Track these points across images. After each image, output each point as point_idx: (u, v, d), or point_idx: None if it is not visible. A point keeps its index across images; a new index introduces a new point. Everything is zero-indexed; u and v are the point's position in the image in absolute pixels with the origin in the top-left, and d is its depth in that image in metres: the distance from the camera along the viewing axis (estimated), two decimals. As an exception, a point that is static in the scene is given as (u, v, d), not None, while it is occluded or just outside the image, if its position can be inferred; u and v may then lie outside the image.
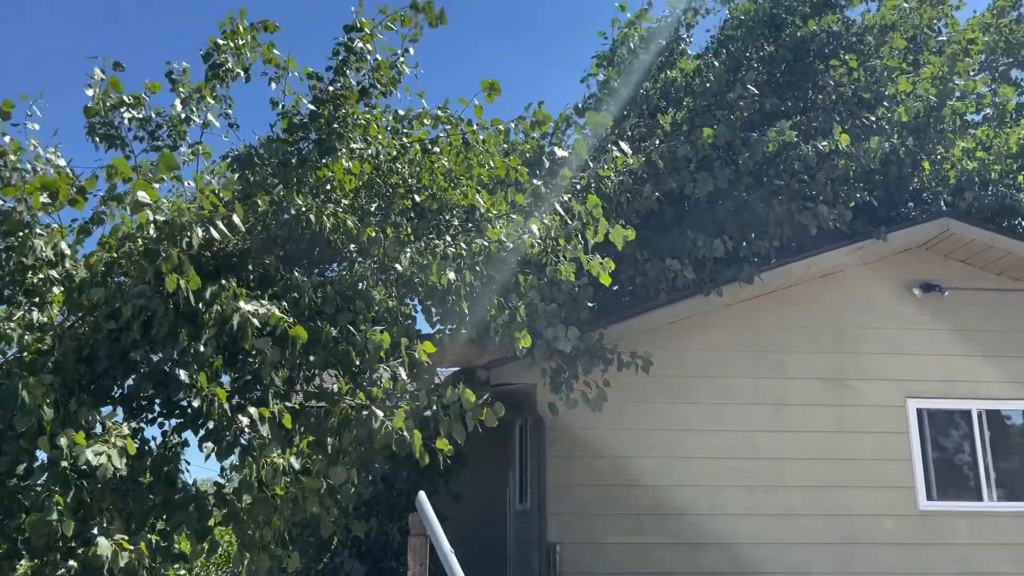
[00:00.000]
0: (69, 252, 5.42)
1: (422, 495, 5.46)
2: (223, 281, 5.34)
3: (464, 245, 6.66)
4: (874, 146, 9.40)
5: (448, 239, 6.82)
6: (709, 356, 9.06)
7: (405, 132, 7.58)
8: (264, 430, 5.13)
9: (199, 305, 5.10)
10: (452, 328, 7.29)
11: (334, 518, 5.43)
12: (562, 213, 7.12)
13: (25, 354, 5.29)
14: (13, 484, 5.02)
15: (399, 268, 6.32)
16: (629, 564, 8.34)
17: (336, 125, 6.47)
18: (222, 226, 5.30)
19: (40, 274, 5.30)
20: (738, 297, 9.06)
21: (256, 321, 5.16)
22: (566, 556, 8.22)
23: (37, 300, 5.48)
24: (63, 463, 4.52)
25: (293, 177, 6.39)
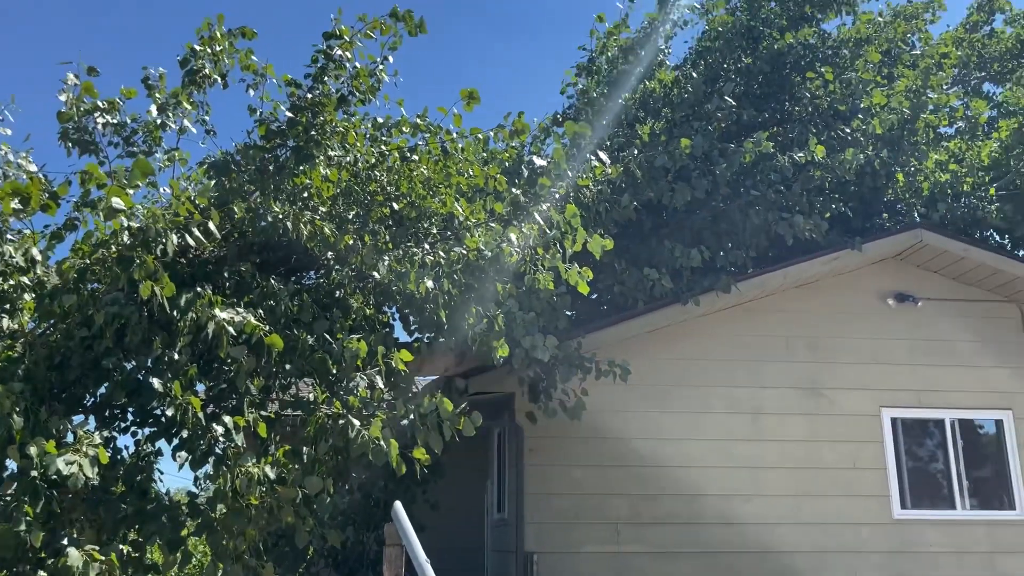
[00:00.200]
0: (41, 258, 5.35)
1: (398, 505, 5.43)
2: (198, 288, 5.29)
3: (442, 253, 6.65)
4: (849, 158, 9.50)
5: (426, 247, 6.81)
6: (686, 365, 9.10)
7: (384, 140, 7.56)
8: (239, 439, 5.08)
9: (174, 312, 5.05)
10: (430, 337, 7.27)
11: (310, 528, 5.38)
12: (540, 222, 7.13)
13: (-5, 362, 5.20)
14: (-19, 494, 4.92)
15: (377, 276, 6.29)
16: (606, 573, 8.34)
17: (314, 132, 6.44)
18: (198, 233, 5.26)
19: (11, 280, 5.22)
20: (715, 306, 9.11)
21: (231, 329, 5.12)
22: (543, 565, 8.20)
23: (7, 307, 5.40)
24: (33, 472, 4.45)
25: (270, 184, 6.35)
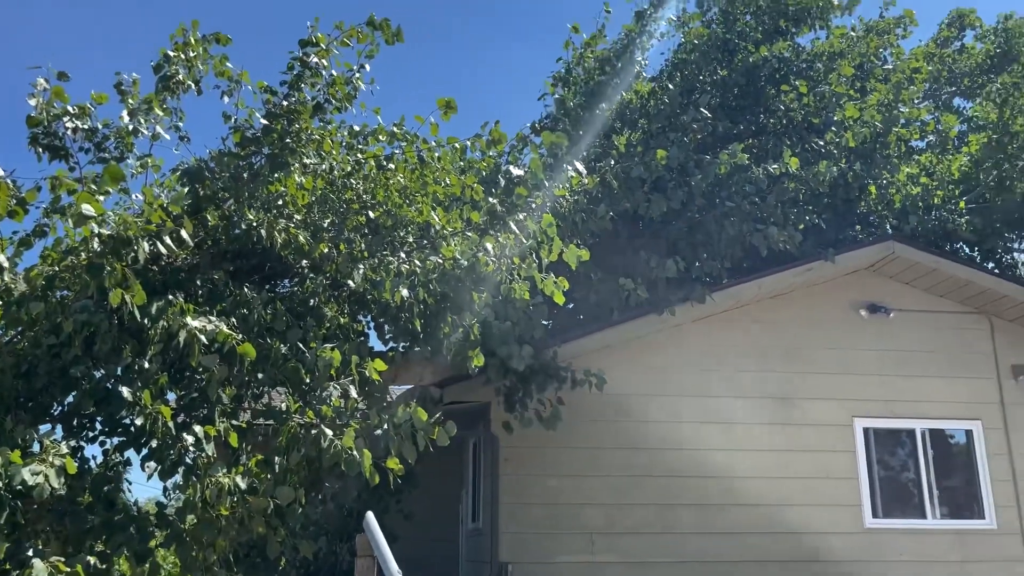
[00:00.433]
0: (8, 265, 5.25)
1: (370, 516, 5.38)
2: (170, 296, 5.22)
3: (418, 262, 6.62)
4: (823, 170, 9.62)
5: (402, 256, 6.77)
6: (661, 375, 9.13)
7: (360, 148, 7.53)
8: (209, 449, 5.01)
9: (144, 321, 4.97)
10: (405, 346, 7.23)
11: (281, 539, 5.32)
12: (517, 232, 7.12)
13: (-41, 370, 5.10)
14: (-57, 505, 4.82)
15: (352, 285, 6.25)
16: (581, 584, 8.33)
17: (289, 140, 6.40)
18: (169, 240, 5.20)
19: (-23, 287, 5.13)
20: (690, 316, 9.16)
21: (203, 337, 5.05)
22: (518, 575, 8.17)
23: (-27, 314, 5.30)
24: (-3, 483, 4.37)
25: (245, 191, 6.30)
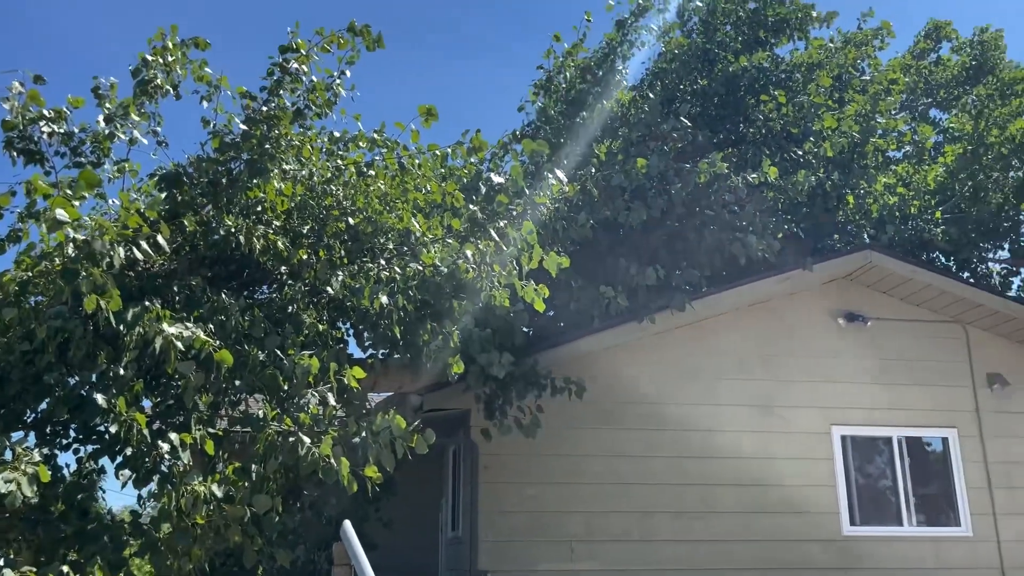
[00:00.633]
0: (-19, 270, 5.19)
1: (347, 524, 5.35)
2: (146, 303, 5.17)
3: (398, 269, 6.60)
4: (801, 179, 9.70)
5: (382, 263, 6.75)
6: (641, 382, 9.15)
7: (340, 154, 7.51)
8: (185, 457, 4.97)
9: (120, 327, 4.92)
10: (385, 353, 7.21)
11: (258, 547, 5.27)
12: (497, 239, 7.12)
13: (-70, 376, 5.03)
14: (-88, 514, 4.74)
15: (331, 291, 6.23)
16: (560, 592, 8.30)
17: (269, 145, 6.37)
18: (146, 246, 5.16)
19: (-51, 293, 5.06)
20: (670, 324, 9.18)
21: (180, 344, 5.01)
22: (497, 584, 8.14)
23: (-55, 319, 5.22)
24: (-33, 491, 4.30)
25: (223, 197, 6.26)
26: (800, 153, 11.15)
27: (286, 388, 5.56)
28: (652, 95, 11.96)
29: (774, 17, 12.91)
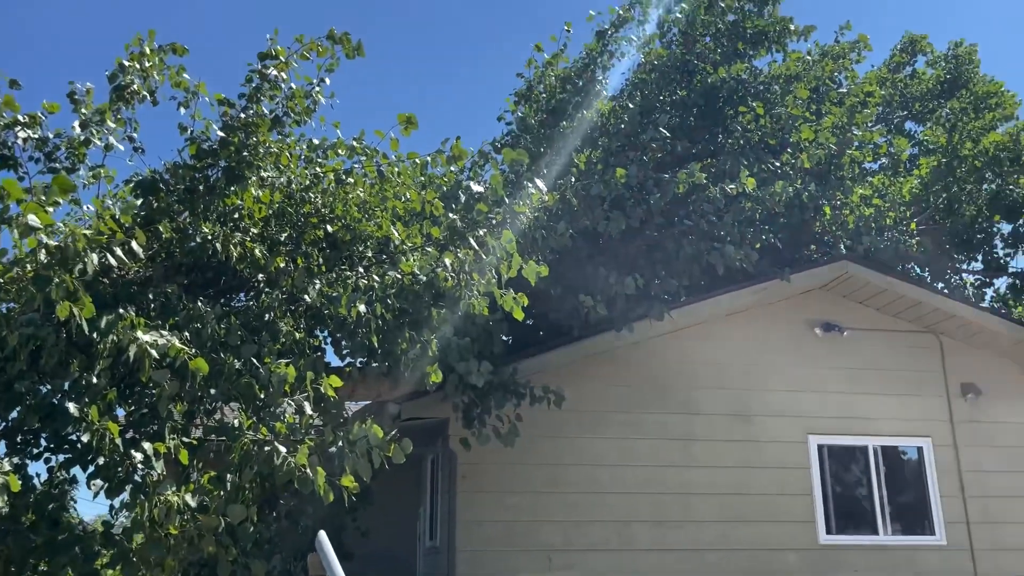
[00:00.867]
0: (-49, 277, 5.11)
1: (322, 534, 5.31)
2: (121, 310, 5.12)
3: (376, 277, 6.57)
4: (779, 190, 9.77)
5: (360, 271, 6.72)
6: (620, 391, 9.17)
7: (319, 162, 7.48)
8: (159, 466, 4.91)
9: (93, 334, 4.86)
10: (362, 362, 7.17)
11: (232, 558, 5.21)
12: (476, 248, 7.11)
13: (-102, 384, 4.94)
14: None
15: (308, 299, 6.19)
16: (538, 601, 8.28)
17: (247, 152, 6.33)
18: (120, 252, 5.10)
19: (-82, 299, 4.98)
20: (649, 333, 9.22)
21: (155, 352, 4.96)
22: (475, 594, 8.10)
23: (-86, 326, 5.13)
24: (-65, 502, 4.23)
25: (200, 204, 6.22)
26: (778, 164, 11.23)
27: (262, 397, 5.51)
28: (632, 105, 12.02)
29: (753, 30, 13.03)
